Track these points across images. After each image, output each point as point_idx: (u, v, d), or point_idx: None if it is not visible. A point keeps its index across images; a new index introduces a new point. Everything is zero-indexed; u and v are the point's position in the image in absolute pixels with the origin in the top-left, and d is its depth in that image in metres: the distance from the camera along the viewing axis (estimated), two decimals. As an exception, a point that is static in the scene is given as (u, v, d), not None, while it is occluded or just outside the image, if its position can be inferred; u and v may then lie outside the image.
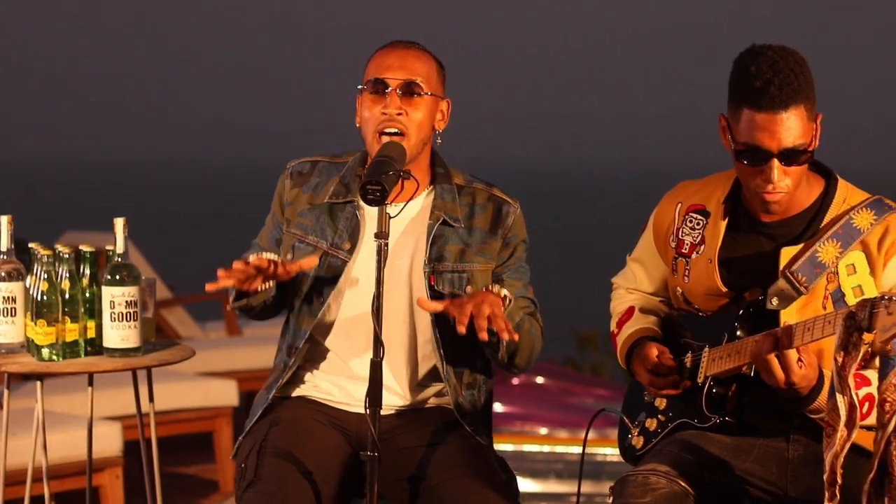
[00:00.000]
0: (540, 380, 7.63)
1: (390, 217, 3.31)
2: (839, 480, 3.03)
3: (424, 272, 3.59)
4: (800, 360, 3.20)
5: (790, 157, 3.31)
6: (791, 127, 3.28)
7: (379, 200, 3.25)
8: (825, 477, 3.03)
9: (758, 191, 3.36)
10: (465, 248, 3.63)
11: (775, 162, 3.31)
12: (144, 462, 4.16)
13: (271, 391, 3.67)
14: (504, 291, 3.45)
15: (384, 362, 3.50)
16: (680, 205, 3.60)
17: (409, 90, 3.55)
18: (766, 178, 3.33)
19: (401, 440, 3.60)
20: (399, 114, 3.54)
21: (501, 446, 7.44)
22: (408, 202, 3.51)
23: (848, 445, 3.03)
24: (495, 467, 3.55)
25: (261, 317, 3.73)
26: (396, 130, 3.53)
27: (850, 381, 3.03)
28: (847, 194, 3.46)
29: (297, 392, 3.69)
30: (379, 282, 3.26)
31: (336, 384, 3.66)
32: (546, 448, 6.96)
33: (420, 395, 3.66)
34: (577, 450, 6.69)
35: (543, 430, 7.08)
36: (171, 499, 5.49)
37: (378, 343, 3.26)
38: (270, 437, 3.52)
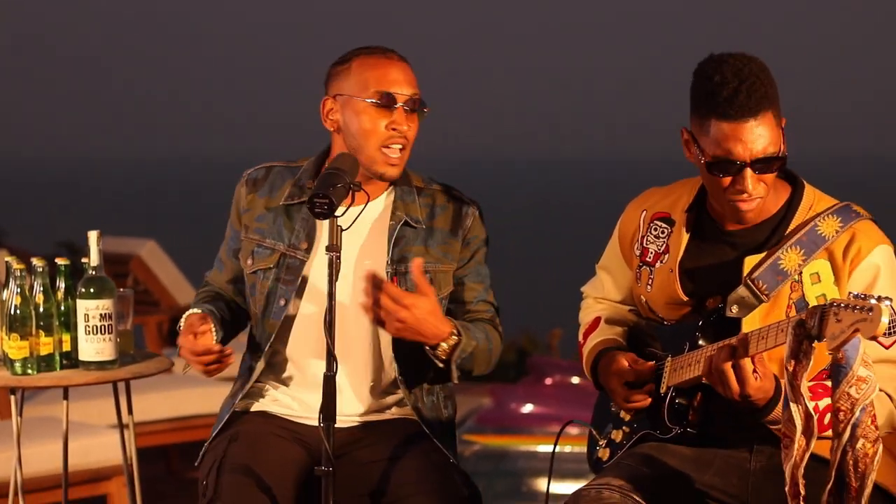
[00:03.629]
0: (576, 380, 7.52)
1: (342, 230, 3.26)
2: (802, 491, 2.96)
3: (387, 273, 3.57)
4: (755, 371, 3.11)
5: (764, 164, 3.23)
6: (762, 134, 3.21)
7: (326, 214, 3.22)
8: (787, 489, 2.96)
9: (731, 200, 3.28)
10: (427, 248, 3.62)
11: (748, 171, 3.23)
12: (125, 472, 4.19)
13: (237, 398, 3.65)
14: (455, 332, 3.46)
15: (346, 368, 3.51)
16: (645, 212, 3.54)
17: (416, 106, 3.57)
18: (740, 188, 3.25)
19: (362, 454, 3.57)
20: (406, 129, 3.56)
21: (541, 447, 7.35)
22: (365, 205, 3.50)
23: (807, 455, 2.96)
24: (457, 482, 3.51)
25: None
26: (401, 146, 3.56)
27: (804, 389, 2.95)
28: (814, 201, 3.37)
29: (257, 406, 3.67)
30: (331, 295, 3.22)
31: (296, 397, 3.63)
32: (581, 449, 6.88)
33: (382, 402, 3.63)
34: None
35: (577, 431, 6.99)
36: None
37: (331, 357, 3.23)
38: (229, 454, 3.50)
